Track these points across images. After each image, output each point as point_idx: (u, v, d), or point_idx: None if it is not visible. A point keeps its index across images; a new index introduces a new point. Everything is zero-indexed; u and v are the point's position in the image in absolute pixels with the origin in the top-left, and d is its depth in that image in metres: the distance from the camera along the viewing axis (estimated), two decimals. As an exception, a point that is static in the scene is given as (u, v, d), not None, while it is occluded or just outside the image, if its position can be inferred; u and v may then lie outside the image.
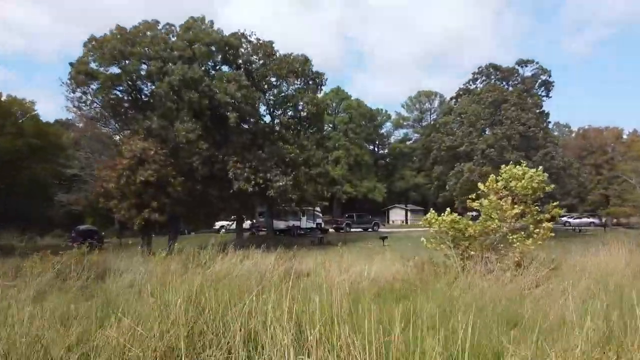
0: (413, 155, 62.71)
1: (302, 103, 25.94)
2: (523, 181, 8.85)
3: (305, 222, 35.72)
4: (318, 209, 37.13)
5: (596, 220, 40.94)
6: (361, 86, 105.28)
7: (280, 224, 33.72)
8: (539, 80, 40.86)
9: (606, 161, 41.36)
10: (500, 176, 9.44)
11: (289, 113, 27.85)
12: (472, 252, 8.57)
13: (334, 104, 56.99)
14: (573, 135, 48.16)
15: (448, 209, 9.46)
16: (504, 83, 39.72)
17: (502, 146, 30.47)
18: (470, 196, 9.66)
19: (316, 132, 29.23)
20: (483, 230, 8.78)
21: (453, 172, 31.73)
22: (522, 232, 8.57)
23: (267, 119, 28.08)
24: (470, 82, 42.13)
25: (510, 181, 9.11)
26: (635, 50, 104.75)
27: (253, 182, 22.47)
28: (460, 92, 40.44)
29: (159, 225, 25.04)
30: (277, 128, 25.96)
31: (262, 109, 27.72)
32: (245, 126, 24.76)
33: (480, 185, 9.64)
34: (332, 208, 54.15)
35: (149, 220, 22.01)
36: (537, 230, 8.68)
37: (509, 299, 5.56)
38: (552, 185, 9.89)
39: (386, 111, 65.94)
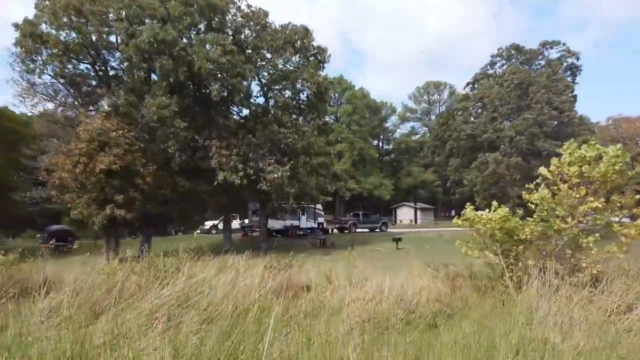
0: (421, 149, 58.65)
1: (300, 80, 21.81)
2: (601, 165, 6.29)
3: (305, 222, 31.59)
4: (319, 206, 32.98)
5: None
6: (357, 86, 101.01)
7: (277, 224, 29.60)
8: (565, 64, 36.78)
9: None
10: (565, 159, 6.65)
11: (287, 93, 23.68)
12: (527, 261, 6.41)
13: (336, 95, 52.87)
14: (598, 124, 43.69)
15: (469, 205, 7.41)
16: (527, 67, 35.64)
17: (532, 133, 26.39)
18: (529, 185, 7.12)
19: (317, 117, 25.06)
20: (543, 232, 6.67)
21: (475, 163, 27.64)
22: (597, 234, 6.28)
23: (261, 100, 24.00)
24: (489, 67, 38.09)
25: (581, 165, 6.52)
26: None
27: (242, 172, 18.35)
28: (478, 77, 36.30)
29: (137, 225, 20.95)
30: (272, 110, 21.83)
31: (255, 89, 23.60)
32: (233, 105, 20.63)
33: (543, 171, 7.12)
34: (334, 206, 50.08)
35: (113, 219, 17.91)
36: (626, 230, 6.23)
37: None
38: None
39: (391, 104, 61.89)
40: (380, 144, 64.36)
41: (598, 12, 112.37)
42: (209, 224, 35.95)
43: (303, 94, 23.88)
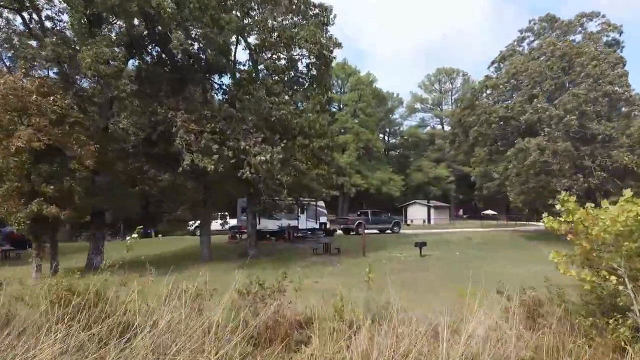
0: (432, 142, 53.71)
1: (298, 41, 16.87)
2: None
3: (305, 221, 26.67)
4: (322, 203, 28.01)
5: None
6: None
7: (271, 224, 24.71)
8: (606, 39, 31.70)
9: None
10: None
11: (281, 61, 18.72)
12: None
13: (339, 81, 47.93)
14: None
15: (566, 196, 4.43)
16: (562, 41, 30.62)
17: (583, 113, 21.41)
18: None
19: (319, 93, 20.06)
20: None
21: (512, 151, 22.62)
22: None
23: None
24: (517, 43, 33.07)
25: None
26: None
27: (216, 154, 13.44)
28: (505, 55, 31.26)
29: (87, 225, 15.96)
30: (261, 77, 16.88)
31: (241, 54, 18.57)
32: (208, 69, 15.67)
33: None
34: (336, 204, 45.15)
35: (42, 218, 13.05)
36: None
37: None
38: None
39: (397, 95, 56.92)
40: (387, 137, 59.48)
41: None
42: (193, 224, 31.18)
43: (301, 62, 18.95)
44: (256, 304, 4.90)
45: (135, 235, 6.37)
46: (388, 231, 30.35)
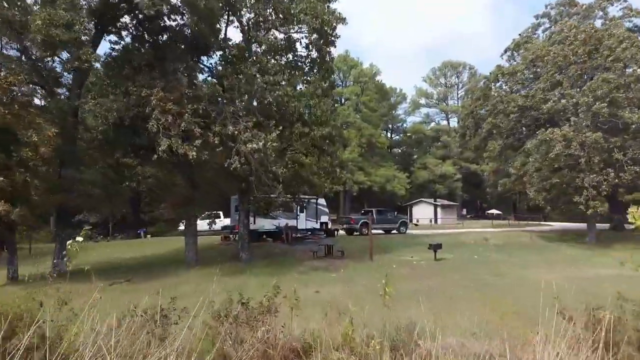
0: (437, 139, 51.53)
1: (297, 12, 14.70)
2: None
3: (304, 221, 24.48)
4: (323, 201, 25.84)
5: None
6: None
7: (267, 224, 22.52)
8: (628, 25, 29.52)
9: None
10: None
11: (278, 40, 16.52)
12: None
13: (340, 74, 45.73)
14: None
15: None
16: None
17: (612, 100, 19.23)
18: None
19: (320, 79, 17.83)
20: None
21: (534, 142, 20.43)
22: None
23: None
24: (531, 30, 30.90)
25: None
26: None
27: (200, 140, 11.27)
28: (520, 42, 29.06)
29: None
30: (254, 54, 14.68)
31: (233, 33, 16.36)
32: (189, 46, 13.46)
33: None
34: (337, 202, 43.01)
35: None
36: None
37: None
38: None
39: (401, 90, 54.69)
40: (389, 134, 57.29)
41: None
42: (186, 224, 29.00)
43: (300, 42, 16.78)
44: (238, 329, 3.68)
45: (79, 239, 4.53)
46: (394, 231, 28.18)
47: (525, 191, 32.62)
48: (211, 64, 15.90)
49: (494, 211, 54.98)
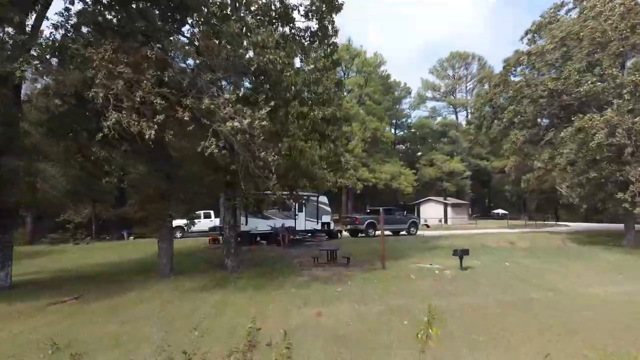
0: (445, 135, 48.71)
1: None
2: None
3: (304, 221, 21.68)
4: (325, 199, 23.02)
5: None
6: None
7: (261, 224, 19.72)
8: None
9: None
10: None
11: (271, 11, 13.64)
12: None
13: (343, 65, 42.85)
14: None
15: None
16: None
17: (664, 81, 16.43)
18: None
19: (322, 56, 14.91)
20: None
21: (569, 131, 17.60)
22: None
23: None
24: (553, 11, 28.03)
25: None
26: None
27: (162, 114, 8.46)
28: (543, 24, 26.18)
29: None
30: (241, 18, 11.88)
31: None
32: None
33: None
34: (340, 201, 40.24)
35: None
36: None
37: None
38: None
39: (405, 84, 51.83)
40: (394, 129, 54.47)
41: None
42: (175, 224, 26.14)
43: (298, 10, 13.95)
44: None
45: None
46: (403, 232, 25.45)
47: (539, 189, 29.93)
48: (190, 30, 13.08)
49: (500, 211, 52.18)
